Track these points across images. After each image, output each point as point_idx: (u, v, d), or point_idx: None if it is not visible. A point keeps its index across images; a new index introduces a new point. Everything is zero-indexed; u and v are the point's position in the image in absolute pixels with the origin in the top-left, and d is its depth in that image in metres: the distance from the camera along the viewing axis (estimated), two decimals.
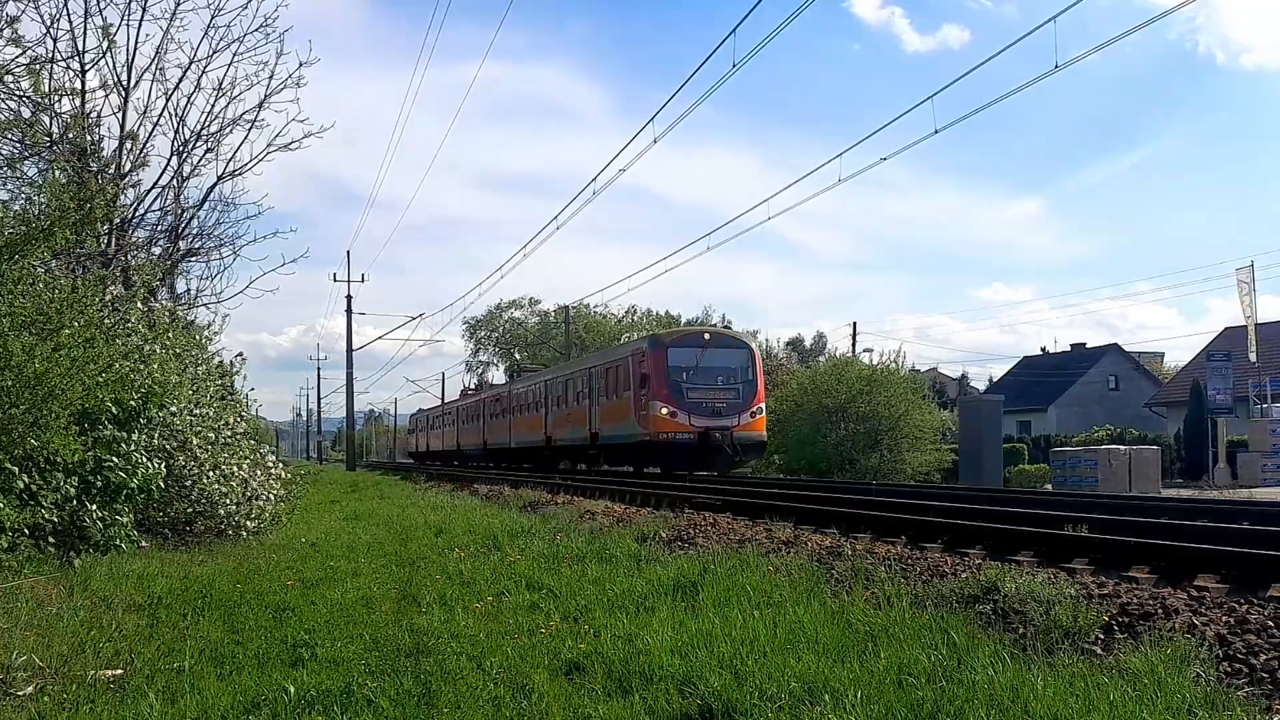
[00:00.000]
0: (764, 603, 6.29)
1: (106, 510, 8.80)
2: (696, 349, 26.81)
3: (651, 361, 26.27)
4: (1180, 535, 8.79)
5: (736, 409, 25.91)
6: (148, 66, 14.54)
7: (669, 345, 27.04)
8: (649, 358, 26.44)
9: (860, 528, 10.85)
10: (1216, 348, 35.85)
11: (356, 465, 58.54)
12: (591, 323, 67.18)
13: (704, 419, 25.34)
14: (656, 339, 28.29)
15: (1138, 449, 26.13)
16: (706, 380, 26.22)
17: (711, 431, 25.10)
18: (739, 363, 27.04)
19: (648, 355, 26.64)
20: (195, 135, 15.30)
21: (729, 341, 28.11)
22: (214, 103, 15.21)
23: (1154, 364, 63.21)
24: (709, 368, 26.52)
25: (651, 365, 26.17)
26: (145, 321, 11.48)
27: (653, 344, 27.37)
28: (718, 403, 25.80)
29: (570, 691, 4.60)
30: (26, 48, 11.07)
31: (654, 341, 27.68)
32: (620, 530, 11.16)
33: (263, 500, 11.95)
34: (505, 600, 6.96)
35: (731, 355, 27.15)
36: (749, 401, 26.25)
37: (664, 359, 26.21)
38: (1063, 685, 4.20)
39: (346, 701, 4.46)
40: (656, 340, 27.91)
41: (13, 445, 7.53)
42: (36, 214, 8.62)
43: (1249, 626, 5.08)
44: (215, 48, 14.75)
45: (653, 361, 26.23)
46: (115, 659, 5.32)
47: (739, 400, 26.15)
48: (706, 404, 25.65)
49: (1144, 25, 21.86)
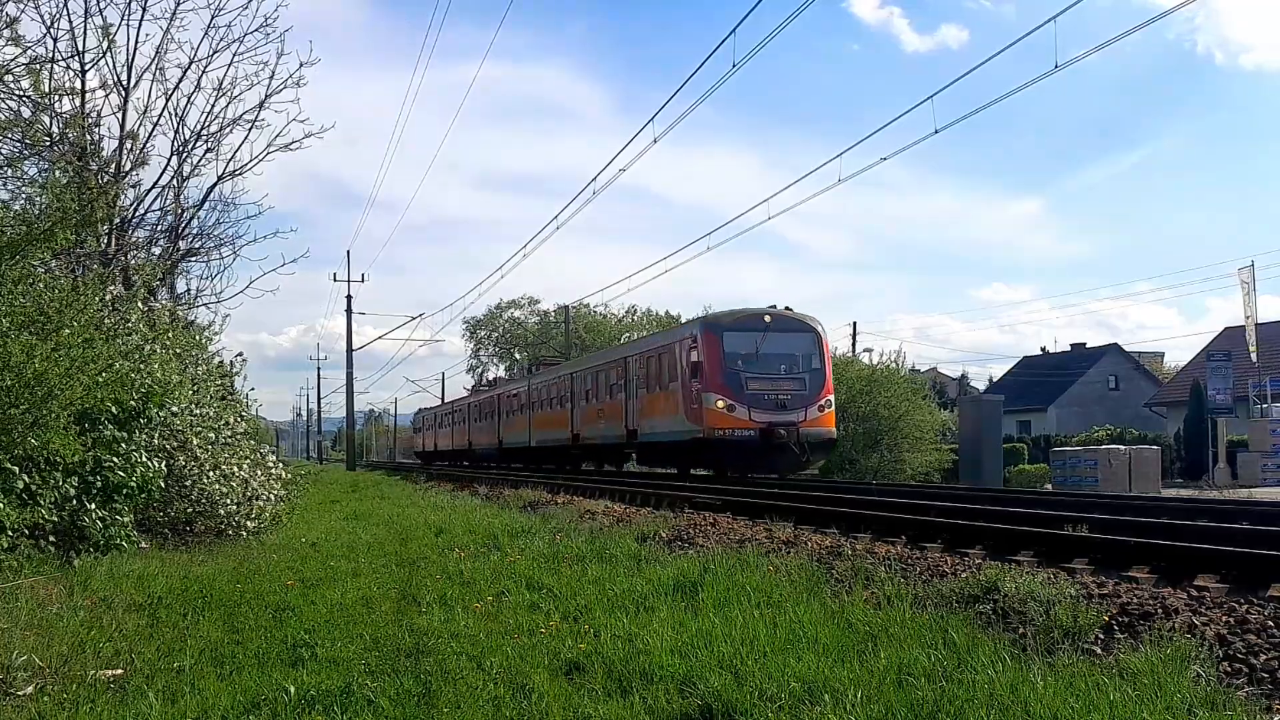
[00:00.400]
0: (764, 603, 6.29)
1: (106, 510, 8.80)
2: (756, 333, 23.28)
3: (705, 347, 22.96)
4: (1180, 535, 8.78)
5: (803, 401, 22.64)
6: (148, 66, 14.55)
7: (725, 329, 23.39)
8: (702, 343, 23.12)
9: (860, 528, 10.84)
10: (1216, 348, 35.84)
11: (356, 465, 58.52)
12: (591, 323, 67.12)
13: (766, 413, 22.12)
14: (710, 321, 24.33)
15: (1138, 449, 26.14)
16: (768, 369, 23.05)
17: (775, 427, 21.89)
18: (805, 348, 23.72)
19: (700, 340, 23.24)
20: (195, 135, 15.31)
21: (793, 324, 24.03)
22: (214, 103, 15.21)
23: (1154, 364, 63.21)
24: (771, 354, 23.31)
25: (705, 352, 22.90)
26: (145, 321, 11.49)
27: (706, 327, 23.70)
28: (781, 394, 22.53)
29: (570, 691, 4.60)
30: (26, 47, 11.07)
31: (707, 325, 23.97)
32: (620, 530, 11.15)
33: (263, 500, 11.95)
34: (505, 600, 6.96)
35: (796, 340, 23.78)
36: (817, 393, 23.00)
37: (719, 345, 22.89)
38: (1063, 685, 4.20)
39: (346, 701, 4.46)
40: (710, 323, 24.07)
41: (13, 445, 7.53)
42: (37, 214, 8.63)
43: (1249, 626, 5.08)
44: (215, 48, 14.75)
45: (706, 347, 22.94)
46: (115, 659, 5.32)
47: (805, 391, 22.88)
48: (769, 396, 22.40)
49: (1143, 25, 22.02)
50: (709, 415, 22.29)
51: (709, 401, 22.37)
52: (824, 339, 24.09)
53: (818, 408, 22.77)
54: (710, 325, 23.83)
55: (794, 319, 24.24)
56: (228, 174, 15.70)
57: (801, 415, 22.39)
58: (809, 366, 23.45)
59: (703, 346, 23.12)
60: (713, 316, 25.02)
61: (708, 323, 24.26)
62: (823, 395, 23.07)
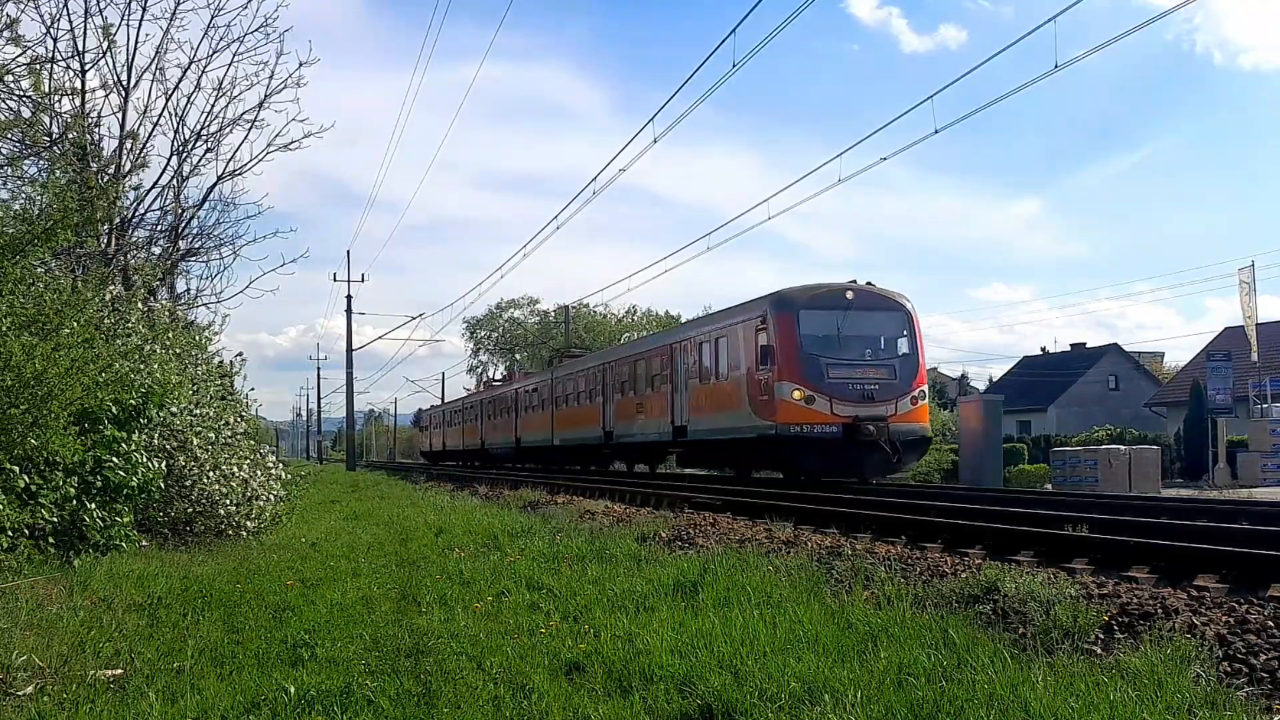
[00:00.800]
0: (764, 603, 6.29)
1: (106, 510, 8.80)
2: (837, 312, 20.09)
3: (777, 329, 19.79)
4: (1180, 535, 8.78)
5: (893, 392, 19.55)
6: (148, 66, 14.59)
7: (801, 306, 20.06)
8: (774, 324, 19.92)
9: (860, 528, 10.85)
10: (1216, 348, 35.83)
11: (356, 465, 58.48)
12: (591, 323, 67.15)
13: (851, 405, 19.08)
14: (783, 298, 20.58)
15: (1138, 449, 26.12)
16: (852, 353, 20.00)
17: (862, 423, 18.84)
18: (894, 329, 20.64)
19: (771, 321, 20.02)
20: (195, 135, 15.35)
21: (879, 301, 20.84)
22: (214, 103, 15.26)
23: (1154, 364, 63.19)
24: (854, 336, 20.25)
25: (777, 334, 19.76)
26: (145, 321, 11.49)
27: (779, 305, 20.29)
28: (868, 384, 19.47)
29: (570, 691, 4.60)
30: (26, 48, 11.09)
31: (780, 302, 20.41)
32: (620, 530, 11.16)
33: (263, 500, 11.95)
34: (505, 600, 6.96)
35: (884, 320, 20.69)
36: (909, 382, 19.85)
37: (794, 325, 19.70)
38: (1063, 685, 4.20)
39: (346, 701, 4.45)
40: (783, 300, 20.47)
41: (12, 445, 7.53)
42: (37, 214, 8.63)
43: (1249, 626, 5.08)
44: (215, 48, 14.80)
45: (779, 328, 19.77)
46: (115, 659, 5.32)
47: (895, 380, 19.75)
48: (854, 385, 19.33)
49: (1142, 26, 21.91)
50: (783, 408, 19.19)
51: (783, 392, 19.21)
52: (915, 318, 20.74)
53: (910, 400, 19.68)
54: (783, 302, 20.34)
55: (880, 295, 20.98)
56: (227, 174, 15.77)
57: (892, 408, 19.33)
58: (899, 351, 20.39)
59: (774, 328, 19.92)
60: (785, 293, 20.90)
61: (780, 299, 20.54)
62: (915, 385, 19.97)
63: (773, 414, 19.47)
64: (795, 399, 19.16)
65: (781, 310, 20.12)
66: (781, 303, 20.37)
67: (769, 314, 20.21)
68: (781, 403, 19.25)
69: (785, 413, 19.19)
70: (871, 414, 19.07)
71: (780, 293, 20.95)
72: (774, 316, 20.08)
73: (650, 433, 26.05)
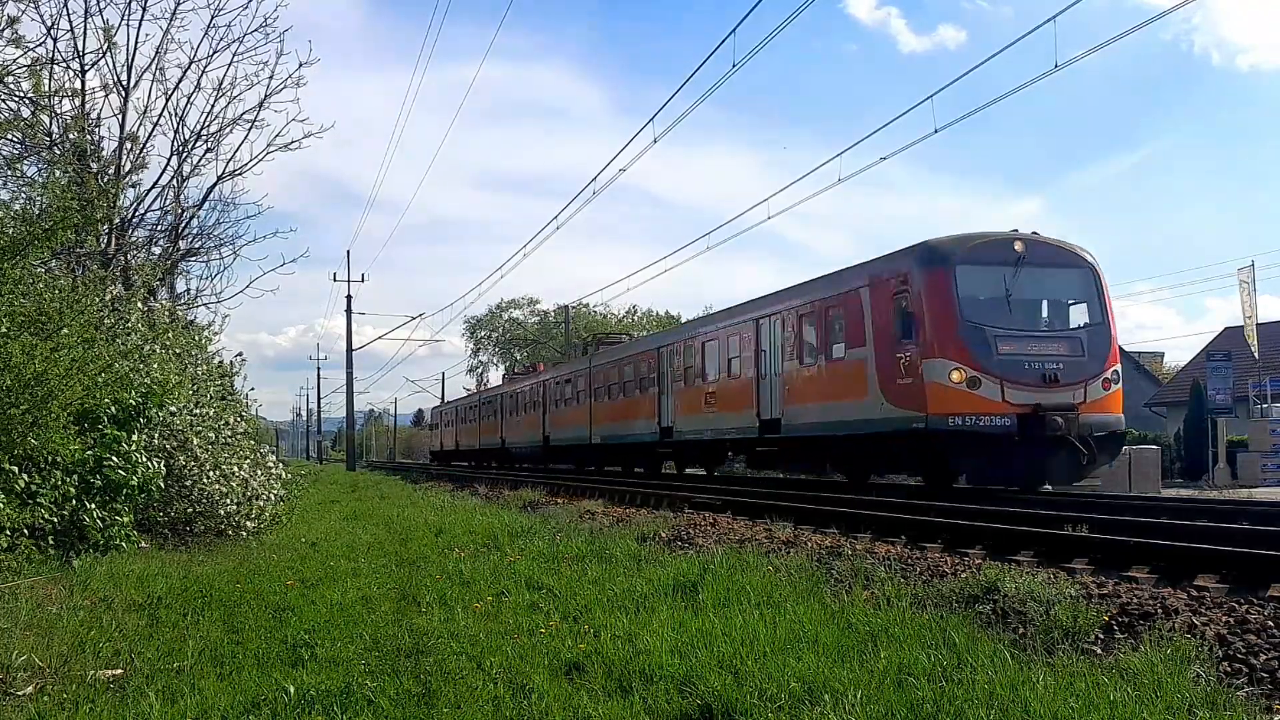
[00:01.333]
0: (764, 603, 6.29)
1: (106, 510, 8.80)
2: (1005, 269, 15.28)
3: (927, 289, 15.24)
4: (1180, 535, 8.78)
5: (1082, 373, 14.98)
6: (148, 67, 14.61)
7: (959, 260, 15.30)
8: (920, 283, 15.36)
9: (860, 528, 10.85)
10: (1216, 347, 35.82)
11: (356, 465, 58.46)
12: (592, 322, 67.17)
13: (1028, 389, 14.59)
14: (934, 250, 15.70)
15: (1138, 449, 26.07)
16: (1026, 321, 15.50)
17: (1046, 414, 14.33)
18: (1078, 290, 15.96)
19: (916, 280, 15.45)
20: (195, 135, 15.37)
21: (1058, 254, 16.00)
22: (214, 103, 15.28)
23: (1154, 364, 63.13)
24: (1028, 300, 15.72)
25: (927, 296, 15.20)
26: (145, 321, 11.49)
27: (926, 259, 15.57)
28: (1048, 361, 14.91)
29: (570, 691, 4.60)
30: (27, 48, 11.10)
31: (928, 254, 15.64)
32: (620, 530, 11.16)
33: (263, 500, 11.96)
34: (505, 600, 6.96)
35: (1064, 278, 15.94)
36: (1101, 360, 15.32)
37: (949, 285, 15.07)
38: (1063, 685, 4.20)
39: (346, 701, 4.45)
40: (934, 252, 15.65)
41: (12, 445, 7.53)
42: (38, 214, 8.64)
43: (1249, 626, 5.08)
44: (215, 48, 14.83)
45: (929, 289, 15.22)
46: (115, 659, 5.32)
47: (1084, 357, 15.17)
48: (1031, 363, 14.80)
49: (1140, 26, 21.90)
50: (935, 394, 14.69)
51: (936, 373, 14.72)
52: (1103, 279, 16.01)
53: (1102, 383, 15.18)
54: (933, 255, 15.54)
55: (1058, 247, 16.14)
56: (228, 174, 15.79)
57: (1080, 394, 14.81)
58: (1086, 319, 15.73)
59: (922, 288, 15.30)
60: (934, 243, 15.92)
61: (929, 252, 15.68)
62: (1109, 363, 15.42)
63: (919, 402, 14.97)
64: (955, 381, 14.58)
65: (933, 265, 15.32)
66: (931, 256, 15.51)
67: (914, 271, 15.49)
68: (934, 387, 14.73)
69: (940, 399, 14.65)
70: (1057, 402, 14.53)
71: (927, 243, 15.94)
72: (922, 274, 15.35)
73: (727, 429, 21.42)
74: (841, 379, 17.19)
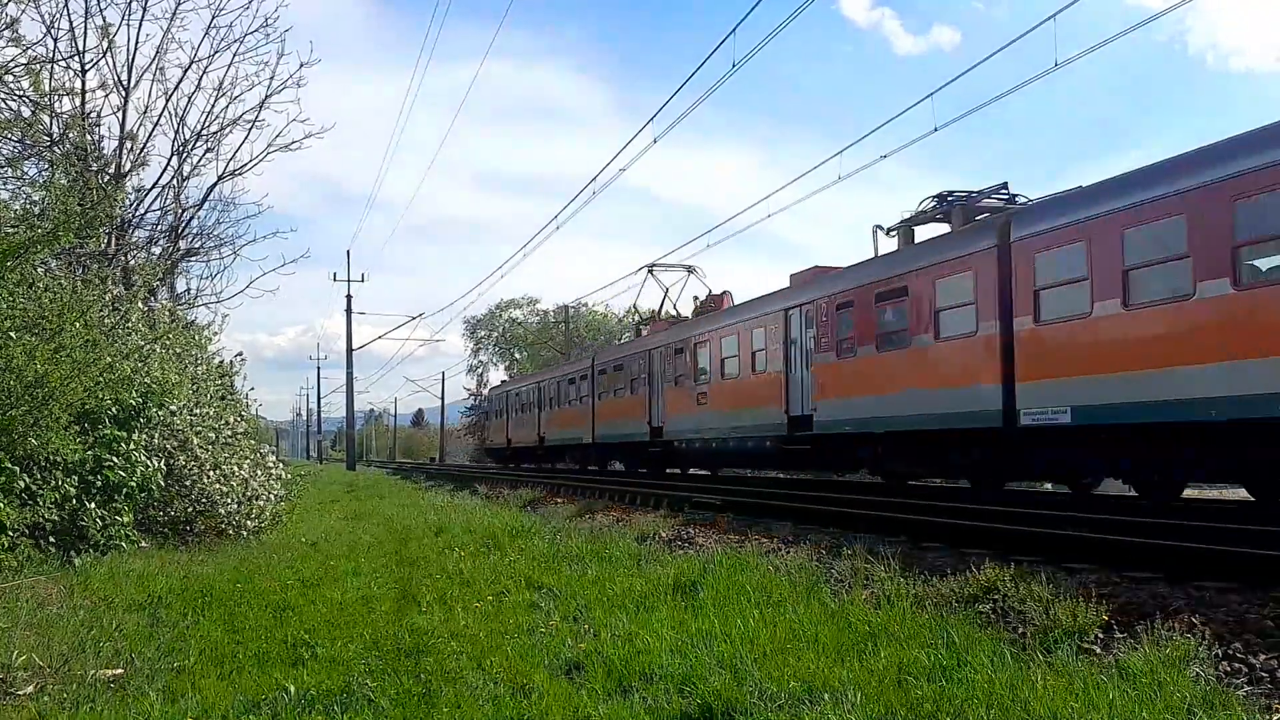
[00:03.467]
0: (764, 602, 6.29)
1: (106, 509, 8.81)
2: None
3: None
4: (1180, 535, 8.77)
5: None
6: (148, 66, 14.59)
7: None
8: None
9: (860, 528, 10.84)
10: None
11: (356, 465, 58.44)
12: (592, 322, 67.13)
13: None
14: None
15: None
16: None
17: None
18: None
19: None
20: (195, 135, 15.35)
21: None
22: (214, 103, 15.26)
23: None
24: None
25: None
26: (145, 321, 11.49)
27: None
28: None
29: (570, 691, 4.60)
30: (26, 47, 11.10)
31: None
32: (620, 530, 11.16)
33: (263, 500, 11.95)
34: (505, 600, 6.96)
35: None
36: None
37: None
38: (1062, 685, 4.20)
39: (346, 701, 4.46)
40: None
41: (13, 445, 7.53)
42: (38, 215, 8.64)
43: (1248, 626, 5.08)
44: (216, 48, 14.81)
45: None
46: (115, 659, 5.32)
47: None
48: None
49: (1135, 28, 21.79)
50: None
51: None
52: None
53: None
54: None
55: None
56: (228, 174, 15.76)
57: None
58: None
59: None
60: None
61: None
62: None
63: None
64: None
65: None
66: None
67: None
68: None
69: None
70: None
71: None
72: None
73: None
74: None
